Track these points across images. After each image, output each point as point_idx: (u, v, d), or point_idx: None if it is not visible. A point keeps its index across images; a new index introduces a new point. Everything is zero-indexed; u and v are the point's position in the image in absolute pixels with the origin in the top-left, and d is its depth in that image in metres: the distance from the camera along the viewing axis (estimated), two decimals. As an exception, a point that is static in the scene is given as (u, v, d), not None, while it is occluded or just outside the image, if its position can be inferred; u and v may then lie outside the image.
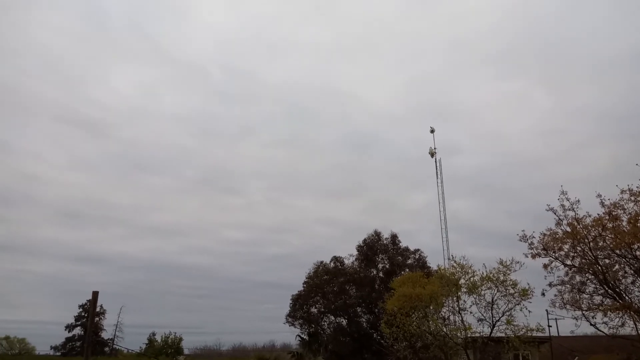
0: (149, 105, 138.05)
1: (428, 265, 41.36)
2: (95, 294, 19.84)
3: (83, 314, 68.75)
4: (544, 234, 22.55)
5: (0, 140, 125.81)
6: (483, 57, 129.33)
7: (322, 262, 45.39)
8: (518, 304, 24.37)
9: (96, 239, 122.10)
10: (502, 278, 24.59)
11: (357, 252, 44.59)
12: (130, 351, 48.64)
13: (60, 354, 67.60)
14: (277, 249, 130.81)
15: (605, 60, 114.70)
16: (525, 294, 24.03)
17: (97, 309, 67.11)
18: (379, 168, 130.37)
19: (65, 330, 69.31)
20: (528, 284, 24.16)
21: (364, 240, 44.55)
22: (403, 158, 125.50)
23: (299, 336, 45.05)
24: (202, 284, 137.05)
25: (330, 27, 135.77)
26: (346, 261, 44.88)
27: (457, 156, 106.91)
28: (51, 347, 69.79)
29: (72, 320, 69.56)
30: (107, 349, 68.74)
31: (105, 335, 71.55)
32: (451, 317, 27.94)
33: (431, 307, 26.90)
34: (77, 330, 69.18)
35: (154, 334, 61.70)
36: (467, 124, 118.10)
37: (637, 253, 20.55)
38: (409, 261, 42.82)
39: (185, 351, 65.56)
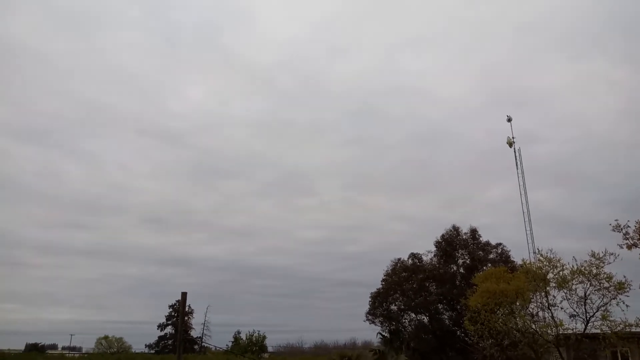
0: (220, 113, 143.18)
1: (512, 259, 39.75)
2: (184, 295, 20.75)
3: (173, 313, 72.48)
4: (641, 223, 20.96)
5: (92, 154, 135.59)
6: (556, 38, 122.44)
7: (399, 259, 44.95)
8: (614, 298, 22.77)
9: (179, 243, 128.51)
10: (594, 271, 23.08)
11: (435, 248, 43.72)
12: (218, 349, 50.53)
13: (154, 352, 71.59)
14: (353, 247, 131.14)
15: None
16: (621, 287, 22.40)
17: (186, 309, 70.51)
18: (452, 162, 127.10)
19: (158, 329, 73.46)
20: (624, 277, 22.53)
21: (442, 236, 43.58)
22: (476, 150, 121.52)
23: (380, 334, 44.88)
24: (280, 283, 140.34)
25: (393, 23, 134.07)
26: (424, 258, 44.16)
27: (535, 144, 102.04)
28: (145, 346, 74.22)
29: (163, 320, 73.57)
30: (196, 346, 71.95)
31: (194, 333, 75.00)
32: (540, 314, 26.67)
33: (517, 303, 25.79)
34: (169, 329, 73.05)
35: (239, 332, 63.84)
36: (543, 110, 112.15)
37: None
38: (491, 256, 41.35)
39: (269, 349, 67.28)
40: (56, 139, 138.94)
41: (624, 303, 22.51)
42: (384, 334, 44.49)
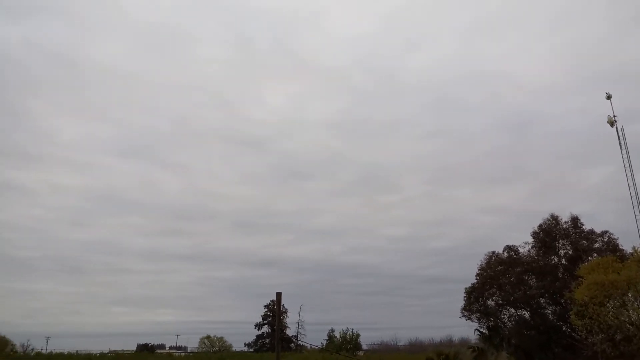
0: (299, 116, 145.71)
1: (620, 247, 36.69)
2: (279, 295, 21.19)
3: (268, 313, 74.72)
4: None
5: (183, 165, 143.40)
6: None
7: (494, 252, 43.08)
8: None
9: (268, 245, 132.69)
10: None
11: (532, 240, 41.37)
12: (313, 347, 51.40)
13: (253, 350, 74.22)
14: (440, 242, 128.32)
15: None
16: None
17: (281, 308, 72.34)
18: (542, 147, 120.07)
19: (255, 328, 76.07)
20: None
21: (540, 226, 41.15)
22: (569, 133, 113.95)
23: (478, 330, 43.32)
24: (369, 281, 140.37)
25: (466, 6, 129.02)
26: (521, 250, 41.96)
27: (637, 123, 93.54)
28: (245, 345, 77.15)
29: (259, 320, 76.05)
30: (292, 345, 73.65)
31: (289, 332, 76.80)
32: (656, 305, 24.45)
33: (630, 295, 23.85)
34: (265, 328, 75.42)
35: (332, 330, 64.61)
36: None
37: None
38: (596, 245, 38.44)
39: (363, 346, 67.38)
40: (151, 153, 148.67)
41: None
42: (482, 330, 42.96)
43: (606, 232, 39.14)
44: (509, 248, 42.67)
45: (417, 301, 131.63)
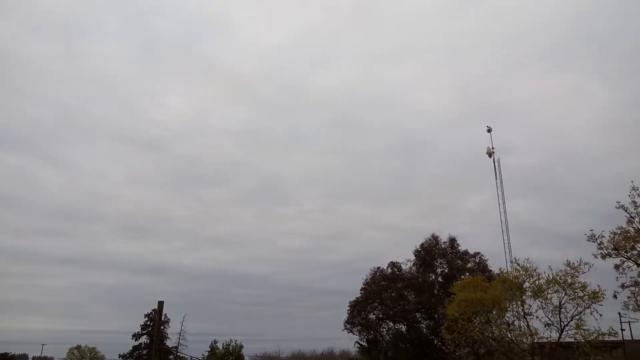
0: (201, 121, 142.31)
1: (489, 268, 40.09)
2: (161, 304, 20.50)
3: (149, 322, 71.13)
4: (615, 233, 21.46)
5: (67, 161, 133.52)
6: (533, 52, 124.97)
7: (379, 267, 44.96)
8: (588, 308, 23.11)
9: (158, 251, 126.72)
10: (569, 280, 23.41)
11: (414, 257, 43.85)
12: (193, 358, 49.85)
13: (127, 361, 70.15)
14: (332, 256, 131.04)
15: None
16: (595, 296, 22.76)
17: (162, 318, 69.34)
18: (431, 172, 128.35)
19: (132, 338, 71.89)
20: (598, 286, 22.90)
21: (422, 245, 43.73)
22: (454, 161, 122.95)
23: (358, 343, 44.77)
24: (260, 292, 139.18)
25: (374, 34, 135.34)
26: (403, 266, 44.26)
27: (512, 156, 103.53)
28: (119, 356, 72.54)
29: (138, 329, 72.13)
30: (171, 356, 70.74)
31: (170, 343, 73.53)
32: (516, 322, 26.89)
33: (494, 312, 26.00)
34: (144, 339, 71.54)
35: (215, 342, 63.05)
36: (520, 122, 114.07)
37: None
38: (469, 265, 41.66)
39: (246, 358, 66.47)
40: (30, 144, 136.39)
41: (597, 312, 22.88)
42: (361, 343, 44.39)
43: (478, 253, 42.59)
44: (392, 264, 44.76)
45: (305, 313, 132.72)
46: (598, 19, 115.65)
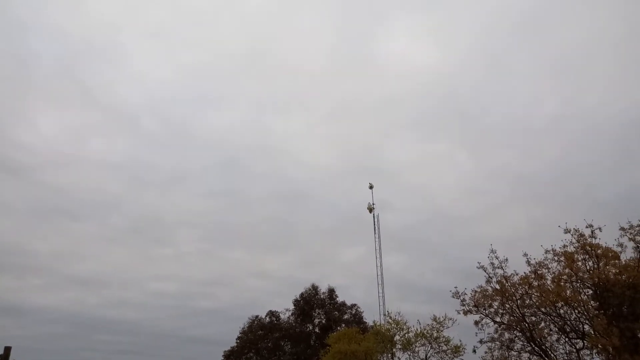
0: (75, 150, 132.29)
1: (364, 320, 41.27)
2: (8, 349, 18.33)
3: (-8, 371, 62.93)
4: (475, 291, 23.24)
5: None
6: (411, 118, 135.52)
7: (257, 316, 44.27)
8: (450, 361, 24.66)
9: (11, 289, 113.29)
10: (435, 334, 24.92)
11: (293, 307, 43.87)
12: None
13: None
14: (208, 302, 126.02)
15: (520, 126, 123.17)
16: (457, 350, 24.40)
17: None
18: (311, 222, 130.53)
19: (-30, 390, 62.96)
20: (460, 341, 24.63)
21: (301, 295, 43.99)
22: (335, 213, 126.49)
23: (230, 395, 43.11)
24: (127, 339, 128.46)
25: (265, 81, 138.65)
26: (282, 316, 44.04)
27: (388, 212, 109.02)
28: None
29: (-22, 379, 63.42)
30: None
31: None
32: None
33: (366, 364, 26.63)
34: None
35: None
36: (396, 181, 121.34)
37: (561, 311, 21.48)
38: (346, 316, 42.55)
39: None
40: None
41: (459, 365, 24.47)
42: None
43: (355, 305, 43.75)
44: (271, 313, 44.34)
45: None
46: (466, 95, 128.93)
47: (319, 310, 43.52)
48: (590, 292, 21.15)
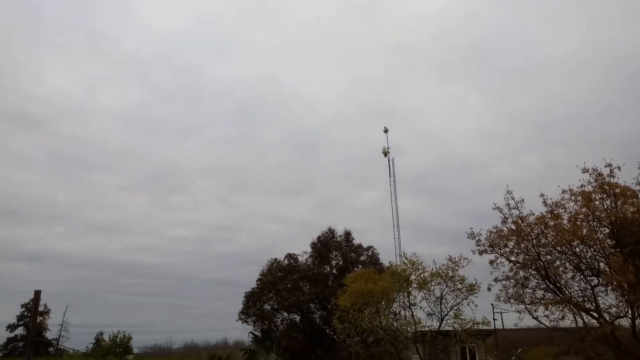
0: (89, 102, 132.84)
1: (380, 262, 42.04)
2: (38, 293, 19.15)
3: (26, 313, 66.06)
4: (491, 232, 23.40)
5: None
6: (424, 62, 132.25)
7: (275, 259, 45.36)
8: (465, 299, 25.28)
9: (36, 238, 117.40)
10: (450, 274, 25.39)
11: (311, 249, 44.79)
12: (75, 351, 47.17)
13: (1, 355, 64.70)
14: (227, 247, 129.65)
15: (538, 68, 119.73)
16: (472, 289, 24.90)
17: (41, 308, 64.60)
18: (326, 166, 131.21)
19: (7, 330, 66.42)
20: (475, 280, 25.08)
21: (318, 238, 44.79)
22: (349, 157, 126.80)
23: (252, 333, 44.90)
24: (149, 283, 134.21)
25: (273, 30, 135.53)
26: (300, 258, 45.03)
27: (402, 157, 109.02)
28: (-8, 348, 66.72)
29: (14, 320, 66.75)
30: (51, 349, 66.34)
31: (50, 335, 69.07)
32: (402, 312, 28.61)
33: (383, 303, 27.40)
34: (20, 330, 66.39)
35: (101, 333, 60.00)
36: (410, 126, 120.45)
37: (577, 250, 21.63)
38: (362, 258, 43.36)
39: (135, 350, 63.92)
40: None
41: (473, 303, 25.12)
42: (255, 333, 44.59)
43: (371, 247, 44.48)
44: (289, 256, 45.37)
45: (198, 304, 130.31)
46: (484, 38, 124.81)
47: (336, 253, 44.37)
48: (607, 230, 21.19)
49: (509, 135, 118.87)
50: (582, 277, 21.96)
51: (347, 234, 45.02)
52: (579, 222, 21.13)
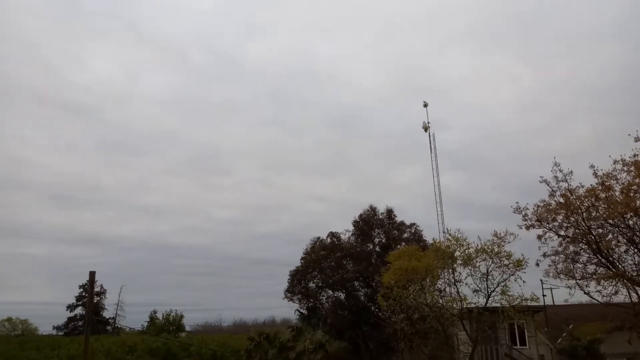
0: (130, 87, 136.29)
1: (424, 238, 41.62)
2: (92, 274, 20.04)
3: (84, 293, 69.34)
4: (538, 206, 22.79)
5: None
6: (460, 32, 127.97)
7: (318, 237, 45.61)
8: (512, 275, 24.69)
9: (88, 221, 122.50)
10: (496, 250, 24.84)
11: (353, 228, 44.77)
12: (132, 329, 49.27)
13: (63, 333, 68.36)
14: (270, 226, 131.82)
15: (579, 35, 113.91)
16: (519, 264, 24.31)
17: (97, 289, 67.65)
18: (365, 144, 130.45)
19: (67, 310, 70.04)
20: (522, 255, 24.45)
21: (360, 216, 44.70)
22: (388, 134, 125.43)
23: (298, 311, 45.58)
24: (198, 262, 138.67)
25: (309, 6, 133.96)
26: (342, 236, 45.11)
27: (443, 131, 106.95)
28: (54, 327, 70.57)
29: (73, 301, 70.27)
30: (109, 327, 69.57)
31: (107, 314, 72.34)
32: (447, 289, 28.33)
33: (427, 280, 27.22)
34: (79, 310, 69.87)
35: (155, 312, 62.58)
36: (451, 99, 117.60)
37: (630, 222, 20.79)
38: (405, 235, 43.06)
39: (187, 328, 66.54)
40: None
41: (521, 279, 24.53)
42: (301, 310, 45.27)
43: (414, 224, 44.07)
44: (332, 234, 45.54)
45: (244, 283, 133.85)
46: (528, 5, 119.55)
47: (378, 230, 44.22)
48: (663, 201, 20.25)
49: (555, 104, 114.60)
50: (636, 250, 21.12)
51: (389, 212, 44.74)
52: (632, 194, 20.24)
